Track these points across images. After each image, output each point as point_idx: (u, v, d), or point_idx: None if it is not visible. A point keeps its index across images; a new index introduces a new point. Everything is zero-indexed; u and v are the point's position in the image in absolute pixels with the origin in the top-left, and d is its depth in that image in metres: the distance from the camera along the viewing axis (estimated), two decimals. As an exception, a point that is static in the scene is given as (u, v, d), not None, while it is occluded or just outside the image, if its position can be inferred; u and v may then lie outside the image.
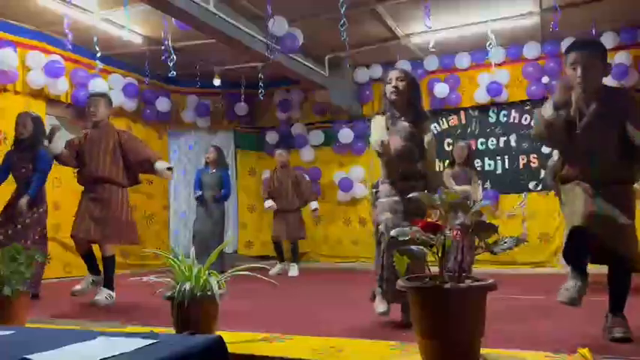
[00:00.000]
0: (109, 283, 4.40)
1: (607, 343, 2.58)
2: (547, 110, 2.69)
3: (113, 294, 4.39)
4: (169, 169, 4.56)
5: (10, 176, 4.93)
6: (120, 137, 4.50)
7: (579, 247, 2.68)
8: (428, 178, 3.36)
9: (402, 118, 3.33)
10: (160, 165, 4.48)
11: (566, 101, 2.67)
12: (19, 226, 4.70)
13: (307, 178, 7.32)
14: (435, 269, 2.22)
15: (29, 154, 4.78)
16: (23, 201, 4.68)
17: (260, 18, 5.80)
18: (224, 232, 7.05)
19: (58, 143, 4.44)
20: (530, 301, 4.22)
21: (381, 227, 3.26)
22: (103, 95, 4.77)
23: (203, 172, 7.07)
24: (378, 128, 3.36)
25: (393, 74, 3.37)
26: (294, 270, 6.83)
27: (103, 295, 4.31)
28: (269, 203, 7.00)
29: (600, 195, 2.65)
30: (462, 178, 5.69)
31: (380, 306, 3.25)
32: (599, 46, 2.82)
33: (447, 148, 7.49)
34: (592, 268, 2.73)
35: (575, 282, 2.66)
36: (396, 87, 3.30)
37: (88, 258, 4.48)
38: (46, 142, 4.58)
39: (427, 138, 3.33)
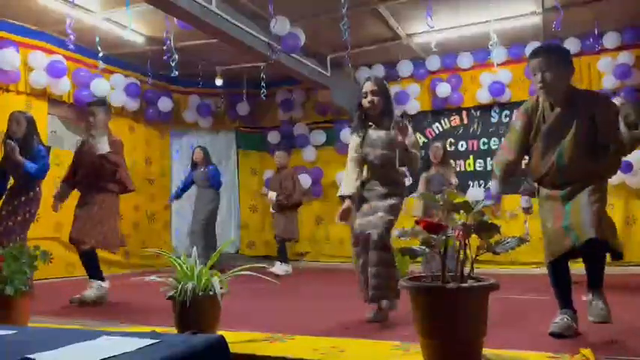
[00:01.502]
0: (94, 274, 4.43)
1: (608, 343, 2.57)
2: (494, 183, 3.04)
3: (104, 284, 4.42)
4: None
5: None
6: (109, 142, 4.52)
7: (560, 276, 2.83)
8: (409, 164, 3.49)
9: (377, 128, 3.51)
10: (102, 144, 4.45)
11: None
12: (10, 223, 4.66)
13: (299, 181, 7.27)
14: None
15: (23, 154, 4.72)
16: (14, 148, 4.55)
17: (262, 18, 5.80)
18: (213, 226, 7.16)
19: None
20: (532, 301, 4.22)
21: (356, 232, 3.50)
22: (99, 103, 4.74)
23: (194, 173, 7.24)
24: (351, 153, 3.55)
25: (367, 87, 3.51)
26: (278, 267, 6.67)
27: (93, 288, 4.35)
28: (271, 194, 6.96)
29: (565, 195, 2.76)
30: (437, 181, 5.67)
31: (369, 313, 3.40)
32: (560, 51, 2.91)
33: (449, 148, 7.49)
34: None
35: (564, 317, 2.77)
36: (371, 101, 3.47)
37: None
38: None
39: (409, 140, 3.42)
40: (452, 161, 6.71)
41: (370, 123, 3.55)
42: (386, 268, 3.30)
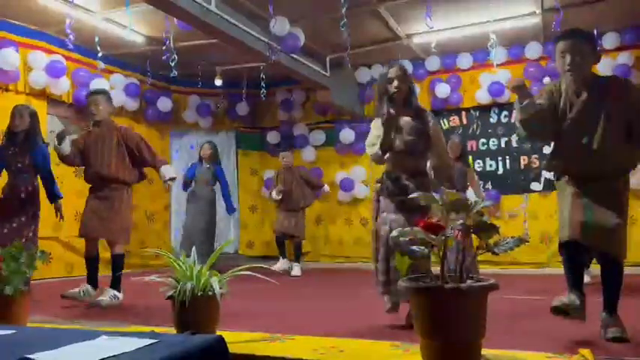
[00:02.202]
0: (115, 283, 4.39)
1: (608, 343, 2.57)
2: (516, 110, 2.80)
3: (119, 295, 4.36)
4: (172, 179, 4.62)
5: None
6: (121, 133, 4.52)
7: (572, 259, 2.77)
8: (436, 170, 3.43)
9: (403, 115, 3.39)
10: (164, 170, 4.55)
11: (530, 101, 2.75)
12: (14, 225, 4.63)
13: (309, 172, 7.47)
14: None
15: (25, 148, 4.65)
16: (59, 206, 4.72)
17: (262, 18, 5.80)
18: (215, 227, 7.12)
19: (68, 144, 4.45)
20: (531, 302, 4.21)
21: (384, 230, 3.23)
22: (102, 92, 4.74)
23: (197, 167, 7.09)
24: (374, 132, 3.41)
25: (393, 72, 3.41)
26: (296, 270, 6.84)
27: (108, 296, 4.29)
28: (276, 193, 7.00)
29: (590, 194, 2.69)
30: (457, 174, 5.62)
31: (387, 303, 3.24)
32: (588, 35, 2.87)
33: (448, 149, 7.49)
34: (593, 268, 2.75)
35: (571, 295, 2.72)
36: (398, 86, 3.36)
37: (92, 263, 4.46)
38: (54, 143, 4.51)
39: (431, 129, 3.38)
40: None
41: (393, 110, 3.36)
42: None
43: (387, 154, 3.37)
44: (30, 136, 4.66)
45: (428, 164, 3.48)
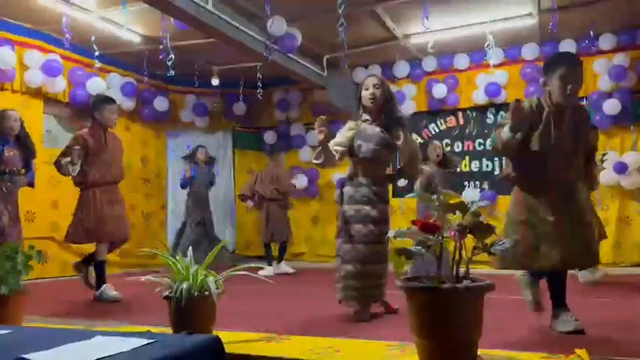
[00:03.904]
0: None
1: (604, 343, 2.58)
2: (505, 134, 2.81)
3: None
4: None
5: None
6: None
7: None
8: (403, 170, 3.64)
9: (375, 124, 3.49)
10: None
11: (522, 125, 2.77)
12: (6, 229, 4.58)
13: (286, 181, 7.38)
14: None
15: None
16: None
17: (259, 18, 5.80)
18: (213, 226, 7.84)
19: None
20: (527, 302, 4.21)
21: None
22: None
23: (199, 170, 7.69)
24: (341, 133, 3.57)
25: (370, 81, 3.50)
26: (278, 268, 6.82)
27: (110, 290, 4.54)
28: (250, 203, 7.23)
29: (566, 208, 2.78)
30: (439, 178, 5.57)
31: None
32: (581, 63, 2.96)
33: (445, 149, 7.50)
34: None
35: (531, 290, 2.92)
36: (373, 94, 3.45)
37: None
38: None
39: (400, 141, 3.49)
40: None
41: (367, 117, 3.53)
42: (372, 278, 3.44)
43: (353, 159, 3.54)
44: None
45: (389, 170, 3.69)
